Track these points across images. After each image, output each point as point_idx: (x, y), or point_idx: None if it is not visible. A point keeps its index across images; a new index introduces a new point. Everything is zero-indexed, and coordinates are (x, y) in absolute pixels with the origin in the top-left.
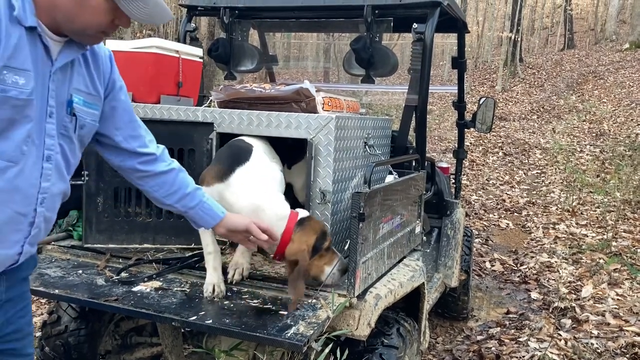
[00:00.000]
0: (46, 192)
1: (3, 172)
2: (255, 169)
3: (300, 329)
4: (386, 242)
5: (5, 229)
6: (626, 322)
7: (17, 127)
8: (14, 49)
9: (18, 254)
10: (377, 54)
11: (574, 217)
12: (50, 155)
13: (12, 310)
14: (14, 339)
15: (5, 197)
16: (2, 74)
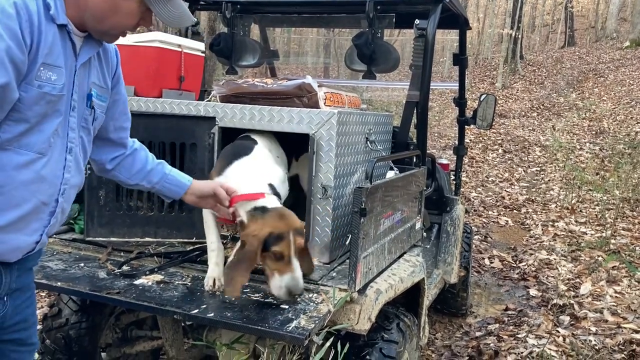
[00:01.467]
0: (67, 183)
1: (33, 163)
2: (251, 163)
3: (302, 323)
4: (387, 238)
5: (29, 217)
6: (624, 320)
7: (48, 121)
8: (51, 46)
9: (36, 242)
10: (378, 49)
11: (573, 214)
12: (71, 148)
13: (20, 299)
14: (21, 329)
15: (33, 188)
16: (39, 71)
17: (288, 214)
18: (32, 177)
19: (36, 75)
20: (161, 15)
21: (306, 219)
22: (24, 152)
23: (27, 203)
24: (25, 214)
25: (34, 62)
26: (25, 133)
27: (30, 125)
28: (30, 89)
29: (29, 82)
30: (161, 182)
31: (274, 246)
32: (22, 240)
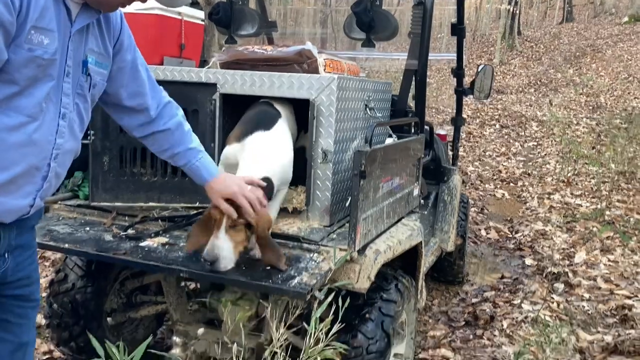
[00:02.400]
0: (60, 148)
1: (24, 126)
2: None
3: (304, 279)
4: (385, 202)
5: (21, 180)
6: (617, 286)
7: (39, 85)
8: (42, 9)
9: (30, 206)
10: (377, 17)
11: (568, 187)
12: (65, 113)
13: (22, 256)
14: (24, 285)
15: (24, 151)
16: (30, 34)
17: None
18: (22, 140)
19: (26, 38)
20: None
21: (307, 184)
22: (14, 114)
23: (17, 166)
24: (15, 176)
25: (23, 24)
26: (15, 96)
27: (20, 88)
28: (19, 51)
29: (19, 44)
30: (185, 167)
31: (211, 210)
32: (14, 204)
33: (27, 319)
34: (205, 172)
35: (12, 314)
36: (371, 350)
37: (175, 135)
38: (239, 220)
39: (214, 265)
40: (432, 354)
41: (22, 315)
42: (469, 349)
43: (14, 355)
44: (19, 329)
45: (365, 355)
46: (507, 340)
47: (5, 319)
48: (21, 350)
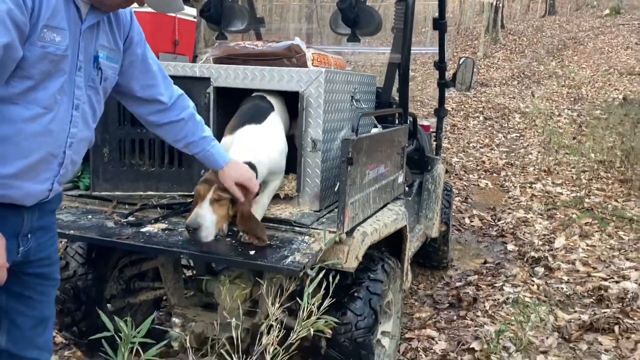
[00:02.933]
0: (74, 137)
1: (40, 117)
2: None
3: (297, 258)
4: (372, 188)
5: (39, 167)
6: (594, 269)
7: (52, 79)
8: (53, 10)
9: (49, 190)
10: (362, 13)
11: (550, 176)
12: (78, 105)
13: (43, 237)
14: (45, 265)
15: (41, 140)
16: (43, 32)
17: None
18: (39, 130)
19: (39, 36)
20: None
21: (297, 171)
22: (32, 106)
23: (35, 153)
24: (33, 163)
25: (36, 24)
26: (31, 89)
27: (35, 82)
28: (33, 48)
29: (32, 42)
30: (199, 154)
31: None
32: (33, 188)
33: (48, 296)
34: (220, 159)
35: (34, 291)
36: (360, 326)
37: (189, 125)
38: (224, 194)
39: (196, 232)
40: (418, 334)
41: (44, 292)
42: (453, 329)
43: (36, 329)
44: (40, 305)
45: (355, 331)
46: (489, 320)
47: (29, 296)
48: (42, 325)
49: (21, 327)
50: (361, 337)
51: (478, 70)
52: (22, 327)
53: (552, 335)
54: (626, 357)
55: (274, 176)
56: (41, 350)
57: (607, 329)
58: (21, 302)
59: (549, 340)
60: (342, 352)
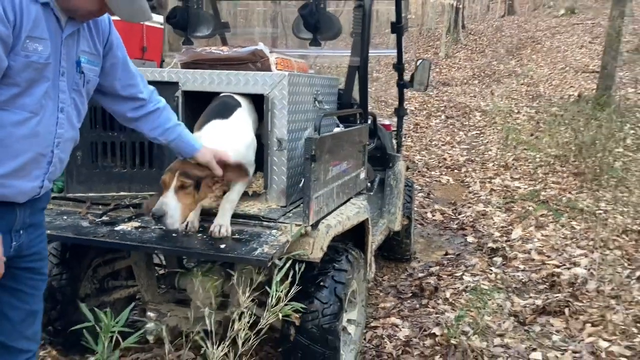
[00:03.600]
0: (61, 137)
1: (27, 121)
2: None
3: (265, 250)
4: (335, 183)
5: (30, 166)
6: (548, 257)
7: (37, 85)
8: (34, 21)
9: (39, 187)
10: (322, 19)
11: (508, 171)
12: (63, 107)
13: (34, 234)
14: (36, 260)
15: (30, 141)
16: (26, 43)
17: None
18: (27, 132)
19: (22, 46)
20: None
21: (264, 169)
22: (19, 111)
23: (25, 154)
24: (24, 163)
25: (19, 35)
26: (18, 95)
27: (21, 89)
28: (17, 58)
29: (17, 52)
30: (176, 140)
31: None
32: (26, 185)
33: (37, 290)
34: (194, 142)
35: (25, 285)
36: (326, 313)
37: (164, 114)
38: (188, 180)
39: (161, 220)
40: (383, 322)
41: (34, 286)
42: (416, 317)
43: (26, 321)
44: (31, 298)
45: (321, 318)
46: (450, 308)
47: (20, 290)
48: (31, 317)
49: (12, 319)
50: (327, 323)
51: (432, 70)
52: (13, 320)
53: (509, 319)
54: (575, 337)
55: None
56: (30, 341)
57: (559, 311)
58: (13, 296)
59: (505, 324)
60: (310, 338)
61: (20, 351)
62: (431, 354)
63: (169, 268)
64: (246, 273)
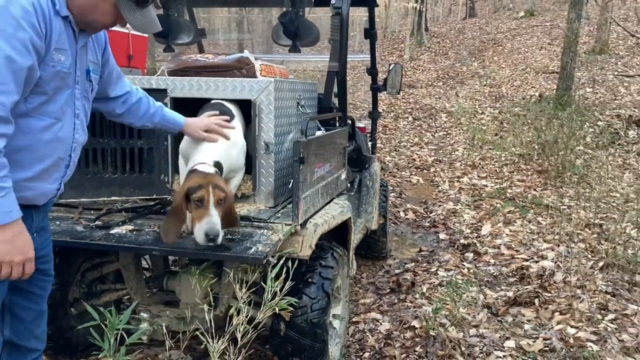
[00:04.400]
0: (76, 142)
1: (52, 126)
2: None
3: (259, 249)
4: (320, 184)
5: (51, 169)
6: (517, 252)
7: (61, 93)
8: (59, 34)
9: (57, 189)
10: (301, 26)
11: (475, 170)
12: (78, 113)
13: (44, 237)
14: (45, 261)
15: (53, 146)
16: (53, 54)
17: (211, 175)
18: (52, 137)
19: (51, 57)
20: (129, 20)
21: (252, 172)
22: (45, 118)
23: (49, 158)
24: (48, 166)
25: (49, 47)
26: (44, 103)
27: (48, 97)
28: (47, 68)
29: (46, 63)
30: (161, 122)
31: (193, 194)
32: (47, 188)
33: (46, 291)
34: (178, 117)
35: (36, 287)
36: (315, 308)
37: (144, 101)
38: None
39: (215, 240)
40: (364, 317)
41: (43, 287)
42: (395, 311)
43: (35, 322)
44: (40, 299)
45: (310, 313)
46: (427, 301)
47: (31, 291)
48: (40, 317)
49: (23, 320)
50: (316, 317)
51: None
52: (25, 320)
53: (483, 311)
54: (545, 325)
55: (235, 173)
56: (38, 340)
57: (529, 302)
58: (24, 297)
59: (480, 315)
60: (300, 332)
61: (29, 350)
62: (412, 345)
63: (156, 271)
64: (240, 271)
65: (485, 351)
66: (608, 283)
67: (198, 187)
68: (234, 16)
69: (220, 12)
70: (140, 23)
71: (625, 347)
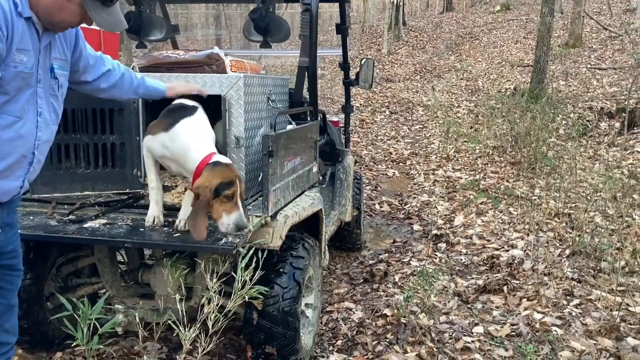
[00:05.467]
0: (40, 139)
1: (13, 125)
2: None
3: (230, 239)
4: (290, 177)
5: (14, 167)
6: (488, 241)
7: (22, 92)
8: (21, 35)
9: (20, 187)
10: (272, 22)
11: (450, 163)
12: (41, 112)
13: (10, 232)
14: (13, 257)
15: (15, 144)
16: (14, 55)
17: (228, 164)
18: (13, 135)
19: (12, 58)
20: (96, 19)
21: None
22: (6, 116)
23: (11, 156)
24: (10, 164)
25: (10, 48)
26: (6, 102)
27: (10, 96)
28: (8, 69)
29: (7, 64)
30: (146, 92)
31: (226, 190)
32: (10, 185)
33: (14, 285)
34: (158, 85)
35: (4, 282)
36: (286, 297)
37: (127, 76)
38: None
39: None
40: (337, 307)
41: (12, 282)
42: (368, 300)
43: (5, 316)
44: (9, 293)
45: (282, 302)
46: (399, 290)
47: (0, 286)
48: (10, 311)
49: None
50: (288, 306)
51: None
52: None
53: (453, 299)
54: (513, 311)
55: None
56: (9, 334)
57: (498, 289)
58: None
59: (450, 303)
60: (272, 320)
61: (1, 344)
62: (383, 333)
63: (131, 264)
64: (212, 262)
65: (455, 337)
66: (574, 270)
67: (229, 183)
68: (211, 12)
69: (197, 8)
70: (106, 22)
71: (588, 331)
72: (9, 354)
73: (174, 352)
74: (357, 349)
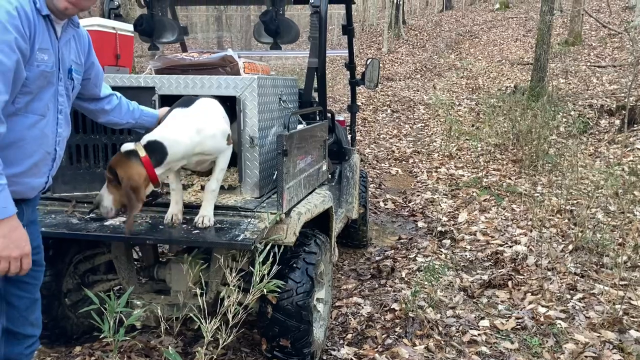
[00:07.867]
0: (60, 136)
1: (38, 123)
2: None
3: (248, 236)
4: (302, 175)
5: (39, 164)
6: (492, 238)
7: (45, 90)
8: (42, 34)
9: (45, 183)
10: (282, 24)
11: (452, 161)
12: (61, 109)
13: (34, 229)
14: (37, 253)
15: (39, 141)
16: (36, 54)
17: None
18: (38, 133)
19: (35, 58)
20: None
21: (238, 165)
22: (31, 115)
23: (36, 153)
24: (36, 161)
25: (32, 48)
26: (30, 101)
27: (33, 95)
28: (32, 68)
29: (31, 63)
30: (140, 117)
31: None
32: (36, 182)
33: (38, 280)
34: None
35: (29, 277)
36: (299, 291)
37: (124, 101)
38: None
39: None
40: (346, 302)
41: (35, 277)
42: (376, 295)
43: (29, 309)
44: (33, 288)
45: (295, 296)
46: (406, 286)
47: (25, 281)
48: (34, 305)
49: (18, 308)
50: (301, 300)
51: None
52: (19, 308)
53: (459, 293)
54: (518, 305)
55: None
56: (34, 326)
57: (503, 284)
58: (18, 287)
59: (456, 297)
60: (286, 314)
61: (25, 336)
62: (392, 326)
63: (146, 261)
64: (229, 258)
65: (462, 330)
66: (577, 265)
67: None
68: (212, 13)
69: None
70: None
71: (592, 324)
72: (34, 346)
73: (189, 346)
74: (367, 342)
